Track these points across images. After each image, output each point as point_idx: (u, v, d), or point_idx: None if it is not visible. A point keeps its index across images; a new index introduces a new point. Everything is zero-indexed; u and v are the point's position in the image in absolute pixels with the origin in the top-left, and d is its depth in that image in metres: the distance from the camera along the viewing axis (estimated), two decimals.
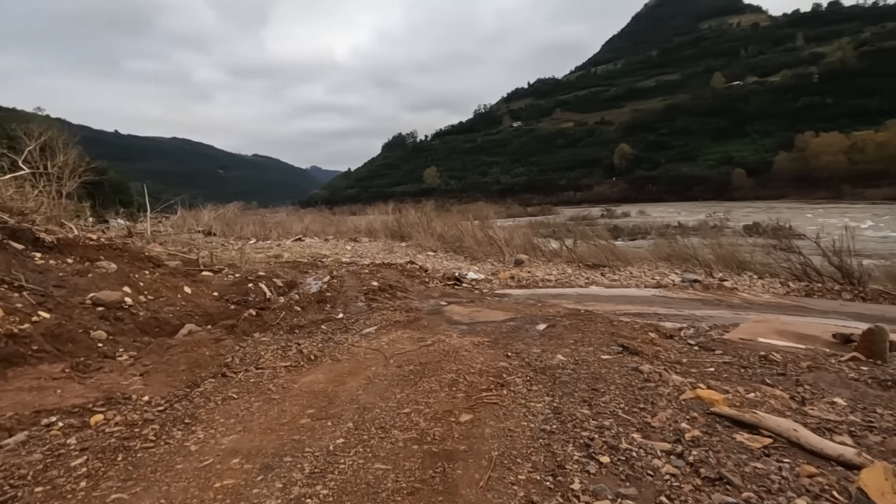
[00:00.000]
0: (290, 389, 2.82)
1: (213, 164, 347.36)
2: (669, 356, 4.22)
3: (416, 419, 2.33)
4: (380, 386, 2.86)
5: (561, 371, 3.13)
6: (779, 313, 7.18)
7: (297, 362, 3.40)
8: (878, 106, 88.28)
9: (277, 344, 4.01)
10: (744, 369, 3.88)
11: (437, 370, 3.14)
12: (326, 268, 11.15)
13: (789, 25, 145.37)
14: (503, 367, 3.25)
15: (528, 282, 10.20)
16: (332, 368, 3.26)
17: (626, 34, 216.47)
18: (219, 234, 20.05)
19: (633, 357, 3.90)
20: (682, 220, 35.11)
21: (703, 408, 2.41)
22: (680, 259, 12.98)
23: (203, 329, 4.79)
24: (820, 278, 10.26)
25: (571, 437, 2.02)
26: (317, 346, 3.96)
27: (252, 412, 2.51)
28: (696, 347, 4.66)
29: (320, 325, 5.18)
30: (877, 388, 3.46)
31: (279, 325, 5.06)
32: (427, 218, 20.15)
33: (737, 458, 1.81)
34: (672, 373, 3.22)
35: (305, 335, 4.57)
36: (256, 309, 5.94)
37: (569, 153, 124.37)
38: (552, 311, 6.46)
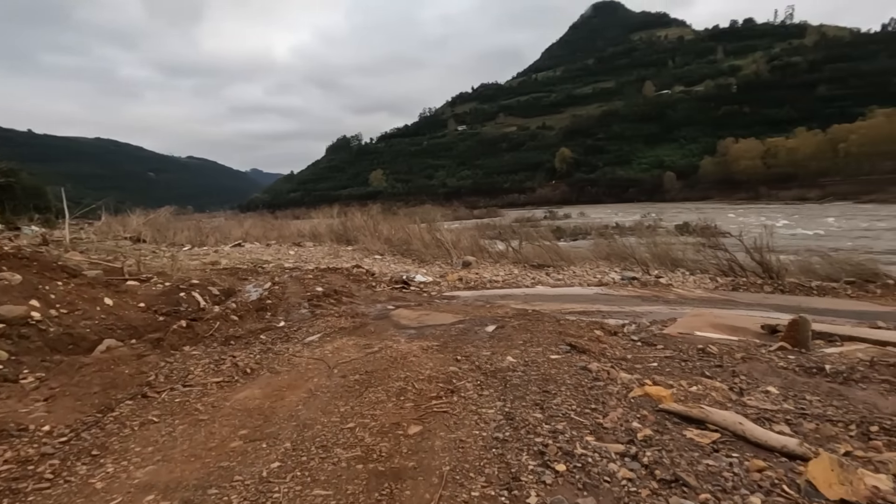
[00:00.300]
0: (220, 408, 2.56)
1: (142, 166, 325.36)
2: (615, 353, 4.28)
3: (361, 434, 2.16)
4: (322, 399, 2.66)
5: (512, 373, 3.06)
6: (710, 307, 7.57)
7: (231, 377, 3.11)
8: (788, 115, 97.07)
9: (210, 357, 3.68)
10: (684, 363, 3.99)
11: (384, 379, 2.98)
12: (268, 274, 10.62)
13: (710, 39, 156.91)
14: (453, 372, 3.14)
15: (476, 283, 10.20)
16: (269, 382, 3.01)
17: (564, 43, 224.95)
18: (149, 240, 18.69)
19: (581, 355, 3.91)
20: (620, 220, 36.71)
21: (652, 405, 2.41)
22: (619, 258, 13.49)
23: (125, 344, 4.34)
24: (744, 273, 10.98)
25: (525, 445, 1.93)
26: (254, 357, 3.68)
27: (174, 437, 2.23)
28: (639, 343, 4.77)
29: (259, 335, 4.86)
30: (803, 375, 3.66)
31: (213, 337, 4.68)
32: (374, 221, 19.79)
33: (689, 456, 1.80)
34: (619, 370, 3.24)
35: (242, 346, 4.25)
36: (188, 320, 5.49)
37: (512, 157, 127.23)
38: (501, 312, 6.45)
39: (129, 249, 12.63)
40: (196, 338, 4.50)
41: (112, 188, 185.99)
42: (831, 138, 76.06)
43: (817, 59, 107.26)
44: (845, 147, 72.62)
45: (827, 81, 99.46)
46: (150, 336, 4.78)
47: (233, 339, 4.58)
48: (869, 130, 70.57)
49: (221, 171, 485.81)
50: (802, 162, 77.99)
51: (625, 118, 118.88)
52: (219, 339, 4.53)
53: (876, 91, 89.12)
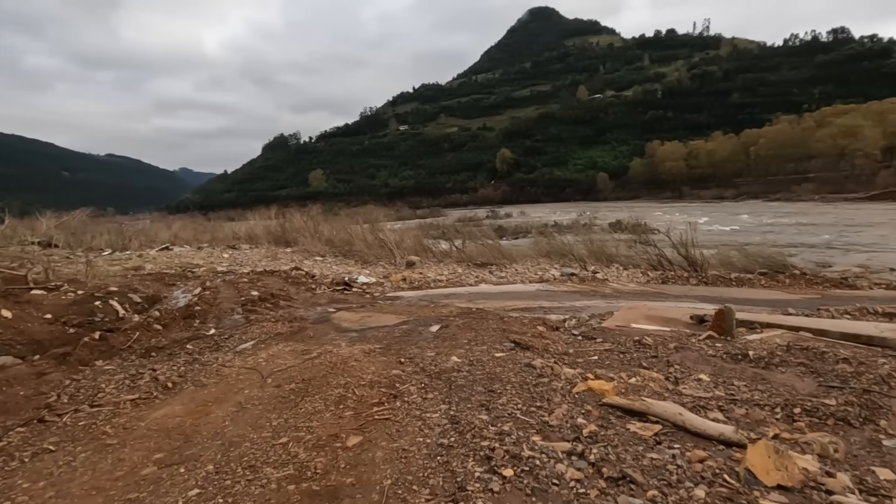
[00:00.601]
0: (133, 430, 2.27)
1: (55, 164, 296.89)
2: (557, 348, 4.33)
3: (294, 450, 1.98)
4: (252, 413, 2.43)
5: (457, 374, 2.99)
6: (643, 300, 7.92)
7: (149, 393, 2.80)
8: (706, 120, 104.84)
9: (125, 372, 3.31)
10: (622, 355, 4.10)
11: (322, 386, 2.80)
12: (198, 279, 9.94)
13: (638, 47, 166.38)
14: (396, 376, 3.01)
15: (420, 283, 10.10)
16: (194, 397, 2.73)
17: (502, 46, 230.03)
18: (62, 245, 16.99)
19: (525, 352, 3.91)
20: (558, 219, 37.94)
21: (595, 399, 2.42)
22: (558, 255, 13.90)
23: (24, 362, 3.83)
24: (671, 267, 11.65)
25: (471, 450, 1.84)
26: (177, 370, 3.35)
27: (74, 468, 1.93)
28: (579, 337, 4.86)
29: (185, 345, 4.47)
30: (730, 361, 3.86)
31: (131, 349, 4.25)
32: (314, 222, 19.20)
33: (634, 450, 1.79)
34: (563, 365, 3.26)
35: (165, 358, 3.89)
36: (102, 331, 4.97)
37: (454, 157, 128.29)
38: (445, 312, 6.39)
39: (38, 255, 11.38)
40: (111, 351, 4.06)
41: (18, 188, 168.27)
42: (744, 142, 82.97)
43: (730, 68, 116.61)
44: (755, 150, 79.47)
45: (739, 90, 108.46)
46: (56, 351, 4.27)
47: (154, 350, 4.18)
48: (775, 135, 77.67)
49: (146, 171, 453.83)
50: (720, 163, 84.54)
51: (561, 120, 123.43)
52: (138, 351, 4.12)
53: (780, 99, 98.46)
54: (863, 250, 17.84)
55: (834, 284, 9.77)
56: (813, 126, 73.62)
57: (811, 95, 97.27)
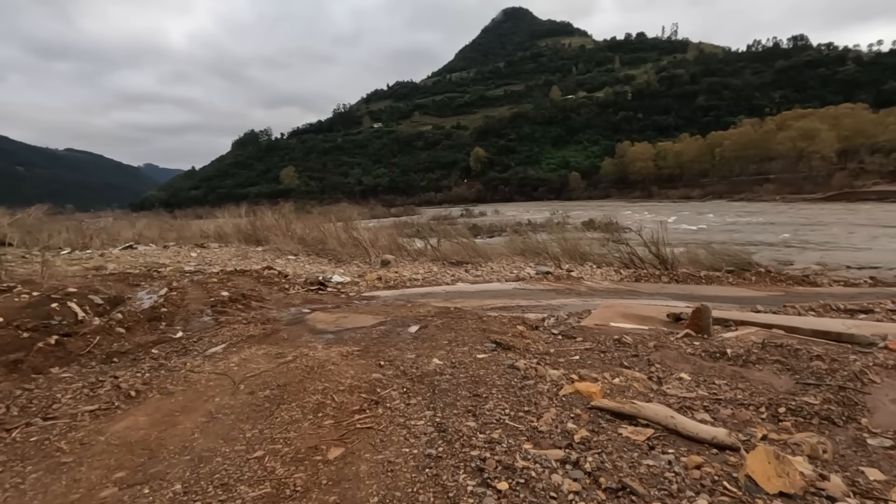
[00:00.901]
0: (91, 445, 2.08)
1: (8, 159, 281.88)
2: (538, 348, 4.29)
3: (271, 464, 1.84)
4: (224, 423, 2.27)
5: (439, 377, 2.89)
6: (618, 298, 8.01)
7: (110, 403, 2.60)
8: (674, 122, 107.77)
9: (84, 380, 3.08)
10: (603, 354, 4.09)
11: (299, 392, 2.66)
12: (164, 279, 9.54)
13: (609, 49, 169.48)
14: (376, 380, 2.89)
15: (396, 282, 9.97)
16: (159, 406, 2.54)
17: (476, 45, 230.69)
18: (17, 244, 16.10)
19: (507, 353, 3.86)
20: (532, 217, 38.30)
21: (583, 402, 2.37)
22: (533, 253, 13.98)
23: None
24: (643, 265, 11.87)
25: (461, 461, 1.75)
26: (141, 377, 3.14)
27: (23, 490, 1.73)
28: (559, 336, 4.84)
29: (150, 349, 4.23)
30: (709, 360, 3.89)
31: (91, 354, 3.99)
32: (286, 220, 18.77)
33: (629, 457, 1.74)
34: (546, 366, 3.21)
35: (128, 364, 3.66)
36: (60, 335, 4.66)
37: (428, 155, 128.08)
38: (423, 312, 6.29)
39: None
40: (68, 357, 3.79)
41: None
42: (709, 143, 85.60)
43: (697, 72, 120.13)
44: (720, 152, 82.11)
45: (705, 92, 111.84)
46: (6, 358, 3.97)
47: (117, 355, 3.93)
48: (739, 137, 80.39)
49: (108, 166, 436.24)
50: (686, 164, 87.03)
51: (534, 120, 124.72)
52: (98, 356, 3.86)
53: (744, 103, 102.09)
54: (818, 248, 18.64)
55: (796, 282, 10.10)
56: (773, 129, 76.56)
57: (772, 99, 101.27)
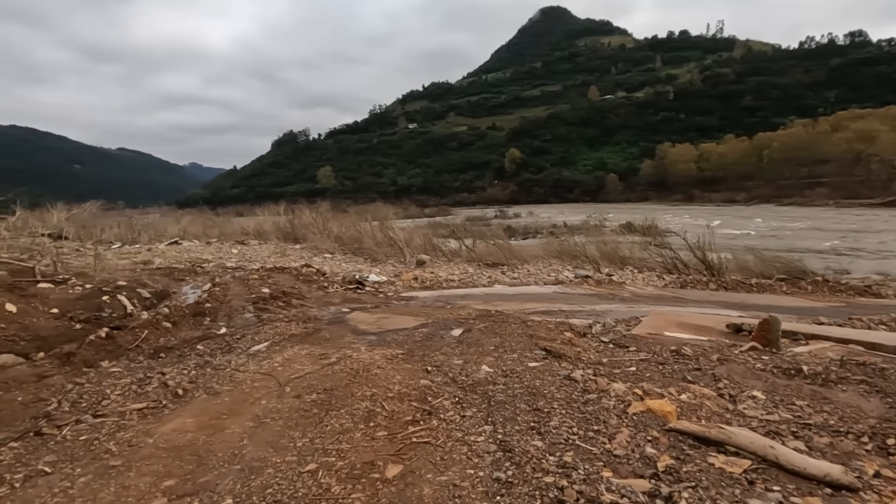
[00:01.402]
0: (140, 447, 2.01)
1: (66, 158, 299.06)
2: (590, 357, 4.06)
3: (325, 481, 1.71)
4: (272, 429, 2.17)
5: (492, 387, 2.72)
6: (664, 305, 7.62)
7: (158, 401, 2.55)
8: (717, 123, 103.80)
9: (133, 376, 3.07)
10: (661, 366, 3.81)
11: (346, 398, 2.54)
12: (207, 274, 9.76)
13: (650, 48, 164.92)
14: (426, 388, 2.75)
15: (433, 283, 9.86)
16: (206, 407, 2.48)
17: (512, 45, 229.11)
18: (72, 237, 16.93)
19: (558, 361, 3.64)
20: (567, 220, 37.62)
21: (658, 423, 2.15)
22: (570, 256, 13.63)
23: (27, 361, 3.61)
24: (687, 271, 11.35)
25: (535, 489, 1.57)
26: (188, 374, 3.11)
27: (71, 497, 1.65)
28: (610, 345, 4.58)
29: (195, 345, 4.24)
30: (783, 377, 3.56)
31: (139, 349, 4.02)
32: (323, 219, 19.02)
33: (729, 493, 1.51)
34: (607, 379, 2.99)
35: (174, 360, 3.65)
36: (110, 328, 4.75)
37: (462, 156, 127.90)
38: (463, 314, 6.13)
39: (48, 247, 11.25)
40: (118, 350, 3.82)
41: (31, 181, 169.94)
42: (756, 145, 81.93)
43: (743, 71, 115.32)
44: (768, 153, 78.45)
45: (751, 92, 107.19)
46: (60, 349, 4.04)
47: (163, 350, 3.95)
48: (788, 139, 76.63)
49: (156, 165, 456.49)
50: (730, 167, 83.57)
51: (570, 121, 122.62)
52: (146, 351, 3.88)
53: (794, 103, 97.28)
54: (872, 257, 17.42)
55: (858, 292, 9.39)
56: (828, 130, 72.58)
57: (825, 99, 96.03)
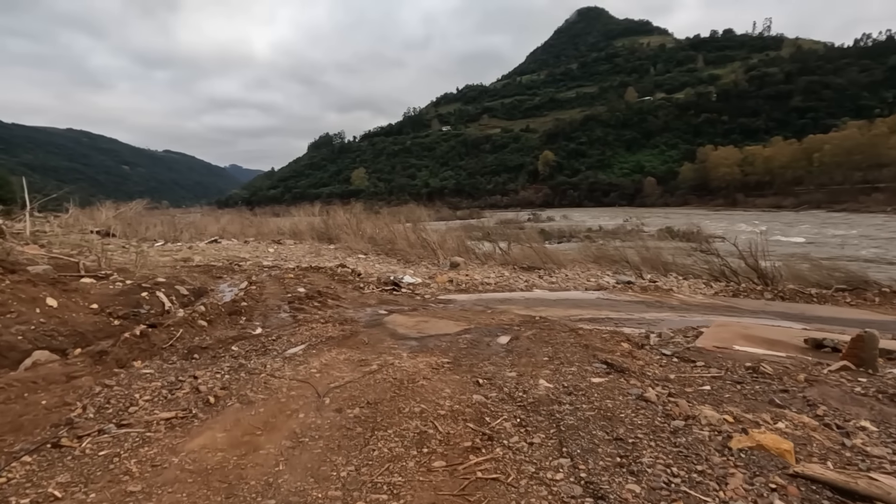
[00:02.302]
0: (164, 469, 1.75)
1: (116, 159, 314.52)
2: (656, 372, 3.64)
3: None
4: (312, 452, 1.88)
5: (558, 407, 2.37)
6: (718, 314, 7.05)
7: (188, 410, 2.32)
8: (764, 124, 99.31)
9: (164, 378, 2.88)
10: (739, 385, 3.36)
11: (393, 414, 2.24)
12: (244, 272, 9.76)
13: (691, 48, 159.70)
14: (480, 404, 2.42)
15: (468, 285, 9.54)
16: (239, 419, 2.22)
17: (548, 47, 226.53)
18: (119, 235, 17.53)
19: (623, 377, 3.25)
20: (603, 224, 36.64)
21: (776, 465, 1.75)
22: (609, 261, 13.08)
23: (60, 358, 3.48)
24: (736, 278, 10.64)
25: None
26: (221, 378, 2.88)
27: None
28: (674, 359, 4.14)
29: (230, 346, 4.05)
30: (890, 404, 3.06)
31: (173, 348, 3.85)
32: (357, 219, 19.01)
33: None
34: (687, 400, 2.58)
35: (208, 361, 3.45)
36: (146, 325, 4.64)
37: (495, 158, 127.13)
38: (506, 319, 5.79)
39: (96, 244, 11.56)
40: (151, 349, 3.66)
41: (84, 181, 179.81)
42: (806, 148, 77.86)
43: (792, 70, 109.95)
44: (819, 157, 74.40)
45: (801, 93, 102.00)
46: (95, 346, 3.92)
47: (198, 350, 3.77)
48: (842, 141, 72.43)
49: (199, 166, 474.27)
50: (778, 170, 79.70)
51: (606, 123, 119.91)
52: (180, 350, 3.71)
53: (847, 104, 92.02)
54: None
55: None
56: (886, 132, 68.20)
57: (883, 99, 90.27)
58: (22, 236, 11.85)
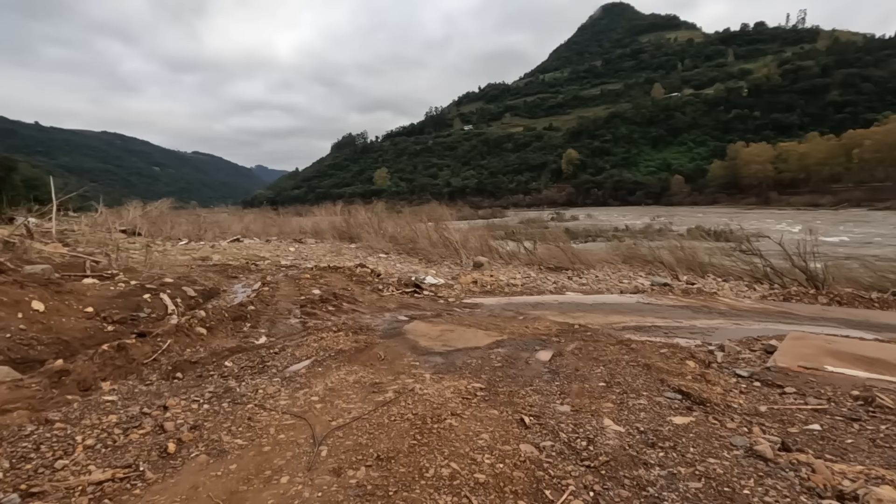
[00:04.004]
0: None
1: (148, 160, 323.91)
2: (739, 402, 2.90)
3: None
4: None
5: (644, 473, 1.67)
6: (774, 322, 6.19)
7: (133, 467, 1.69)
8: (798, 120, 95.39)
9: (126, 410, 2.28)
10: (857, 424, 2.60)
11: (412, 481, 1.58)
12: (261, 272, 9.32)
13: (721, 42, 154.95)
14: (533, 462, 1.75)
15: (494, 287, 8.88)
16: (197, 485, 1.58)
17: (571, 44, 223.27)
18: (144, 233, 17.51)
19: (711, 414, 2.52)
20: (629, 223, 35.50)
21: None
22: (641, 261, 12.32)
23: (16, 378, 2.91)
24: (781, 280, 9.77)
25: None
26: (197, 410, 2.28)
27: None
28: (755, 382, 3.38)
29: (224, 361, 3.46)
30: None
31: (156, 363, 3.29)
32: (378, 218, 18.58)
33: None
34: (816, 453, 1.87)
35: (191, 383, 2.86)
36: (136, 334, 4.11)
37: (517, 157, 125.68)
38: (542, 328, 5.08)
39: (118, 242, 11.34)
40: (128, 365, 3.09)
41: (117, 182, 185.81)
42: (844, 144, 74.33)
43: (829, 63, 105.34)
44: (859, 153, 70.89)
45: (838, 86, 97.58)
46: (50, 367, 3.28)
47: (184, 366, 3.20)
48: (884, 136, 68.79)
49: (226, 167, 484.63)
50: (814, 167, 76.34)
51: (632, 120, 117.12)
52: (163, 367, 3.14)
53: (889, 97, 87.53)
54: None
55: None
56: None
57: None
58: (49, 235, 11.77)
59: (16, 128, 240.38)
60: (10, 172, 36.98)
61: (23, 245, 8.98)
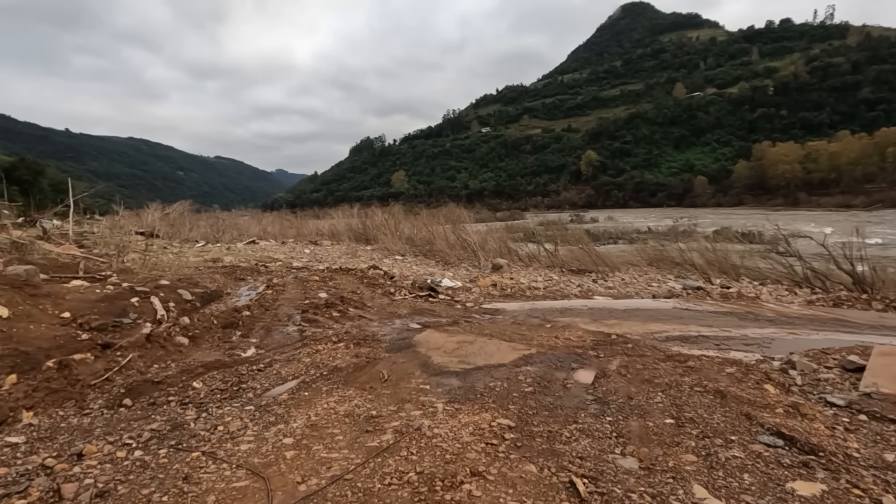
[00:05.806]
0: None
1: (172, 165, 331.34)
2: (854, 446, 2.16)
3: None
4: None
5: None
6: (829, 330, 5.32)
7: None
8: (828, 118, 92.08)
9: (24, 460, 1.66)
10: None
11: None
12: (270, 274, 8.82)
13: (745, 40, 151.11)
14: None
15: (515, 290, 8.17)
16: None
17: (590, 45, 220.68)
18: (163, 235, 17.36)
19: (828, 468, 1.81)
20: (652, 225, 34.34)
21: None
22: (669, 263, 11.44)
23: None
24: (824, 284, 8.86)
25: None
26: (119, 463, 1.65)
27: None
28: (860, 416, 2.62)
29: (194, 380, 2.86)
30: None
31: (107, 384, 2.69)
32: (395, 220, 18.05)
33: None
34: None
35: (137, 414, 2.25)
36: (100, 345, 3.54)
37: (536, 159, 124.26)
38: (574, 339, 4.36)
39: (140, 244, 11.04)
40: (66, 390, 2.49)
41: (143, 186, 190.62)
42: (878, 142, 71.28)
43: (861, 60, 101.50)
44: (894, 151, 67.90)
45: (871, 83, 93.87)
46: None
47: (143, 387, 2.60)
48: None
49: (248, 171, 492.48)
50: (846, 167, 73.39)
51: (653, 121, 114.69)
52: (113, 390, 2.54)
53: None
54: None
55: None
56: None
57: None
58: (67, 236, 11.55)
59: (48, 134, 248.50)
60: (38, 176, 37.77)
61: (31, 245, 8.64)
